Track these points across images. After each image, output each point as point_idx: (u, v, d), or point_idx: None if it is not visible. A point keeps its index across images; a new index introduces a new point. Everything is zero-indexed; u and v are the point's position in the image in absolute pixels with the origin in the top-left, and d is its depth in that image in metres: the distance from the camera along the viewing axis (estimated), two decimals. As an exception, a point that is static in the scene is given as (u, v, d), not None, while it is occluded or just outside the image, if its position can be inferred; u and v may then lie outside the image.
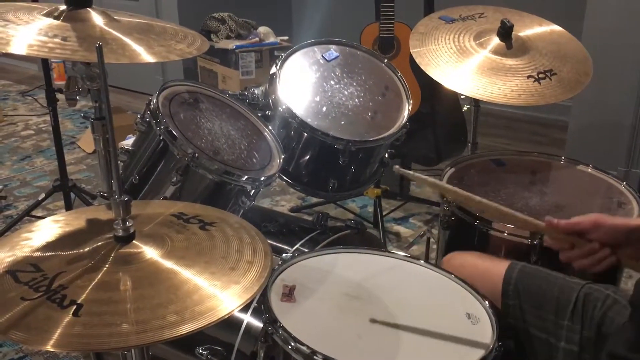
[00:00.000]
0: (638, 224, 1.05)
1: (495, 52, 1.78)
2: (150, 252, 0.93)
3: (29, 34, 0.99)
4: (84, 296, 0.84)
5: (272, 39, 4.08)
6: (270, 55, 4.00)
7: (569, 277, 1.20)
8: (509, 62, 1.76)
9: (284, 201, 3.05)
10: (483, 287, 1.23)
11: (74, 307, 0.81)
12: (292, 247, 1.52)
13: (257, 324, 1.34)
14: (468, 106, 2.04)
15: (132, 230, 0.93)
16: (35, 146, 3.84)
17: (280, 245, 1.54)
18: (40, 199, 2.71)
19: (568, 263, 1.12)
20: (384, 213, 2.76)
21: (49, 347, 0.78)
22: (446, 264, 1.37)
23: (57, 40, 0.97)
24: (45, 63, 2.64)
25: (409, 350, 1.07)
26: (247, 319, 1.37)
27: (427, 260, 1.38)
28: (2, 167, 3.52)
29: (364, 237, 1.65)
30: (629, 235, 1.04)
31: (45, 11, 1.07)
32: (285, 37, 4.17)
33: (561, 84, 1.73)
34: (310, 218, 1.69)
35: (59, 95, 2.52)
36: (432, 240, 2.10)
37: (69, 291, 0.84)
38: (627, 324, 1.03)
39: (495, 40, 1.80)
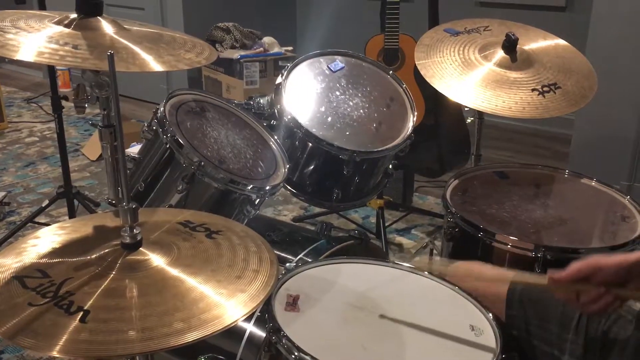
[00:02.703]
0: (635, 259, 1.04)
1: (500, 65, 1.79)
2: (157, 260, 0.93)
3: (40, 42, 1.00)
4: (90, 303, 0.84)
5: (276, 49, 4.10)
6: (274, 65, 4.01)
7: None
8: (514, 75, 1.77)
9: (287, 210, 3.05)
10: (488, 296, 1.23)
11: (81, 313, 0.81)
12: (295, 256, 1.52)
13: (260, 333, 1.33)
14: (472, 118, 2.04)
15: (139, 238, 0.94)
16: (40, 153, 3.85)
17: (283, 254, 1.54)
18: (43, 205, 2.72)
19: None
20: (386, 224, 2.76)
21: (55, 353, 0.78)
22: (451, 272, 1.37)
23: (68, 48, 0.98)
24: (51, 70, 2.65)
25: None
26: (250, 328, 1.37)
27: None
28: (6, 174, 3.53)
29: (368, 247, 1.65)
30: (631, 270, 1.02)
31: (56, 19, 1.08)
32: (290, 48, 4.19)
33: (565, 97, 1.74)
34: (312, 228, 1.70)
35: (64, 103, 2.53)
36: (435, 251, 2.10)
37: (76, 297, 0.84)
38: (629, 338, 1.03)
39: (500, 53, 1.81)
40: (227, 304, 0.86)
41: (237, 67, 3.97)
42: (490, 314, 1.19)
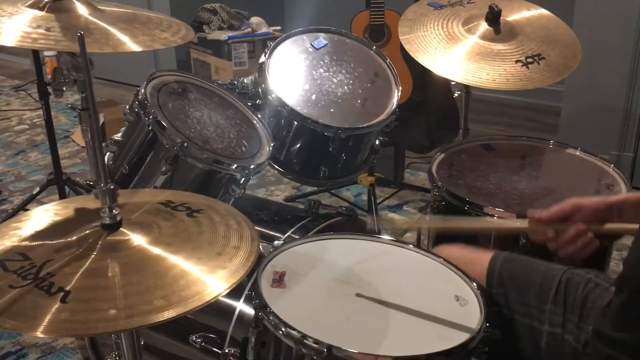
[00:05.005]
0: (615, 199, 1.07)
1: (484, 37, 1.79)
2: (137, 239, 0.94)
3: (13, 25, 0.99)
4: (72, 283, 0.85)
5: (264, 29, 4.07)
6: (263, 46, 3.98)
7: (552, 264, 1.21)
8: (498, 47, 1.77)
9: (279, 191, 3.06)
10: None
11: (62, 293, 0.82)
12: (284, 234, 1.53)
13: (250, 311, 1.34)
14: (459, 92, 2.04)
15: (119, 218, 0.94)
16: (30, 140, 3.84)
17: (272, 232, 1.55)
18: (34, 192, 2.72)
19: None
20: (378, 201, 2.76)
21: (39, 333, 0.79)
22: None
23: (40, 30, 0.97)
24: (36, 57, 2.64)
25: (397, 332, 1.08)
26: (240, 306, 1.38)
27: (418, 245, 1.39)
28: (-4, 162, 3.53)
29: (356, 223, 1.66)
30: (609, 211, 1.06)
31: (29, 2, 1.07)
32: (278, 27, 4.16)
33: (549, 68, 1.74)
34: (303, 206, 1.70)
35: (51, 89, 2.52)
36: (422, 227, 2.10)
37: (57, 279, 0.85)
38: (612, 303, 1.04)
39: (483, 26, 1.81)
40: (207, 281, 0.87)
41: (225, 49, 3.94)
42: (475, 284, 1.20)
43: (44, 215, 1.03)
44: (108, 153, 1.51)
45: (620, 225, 1.07)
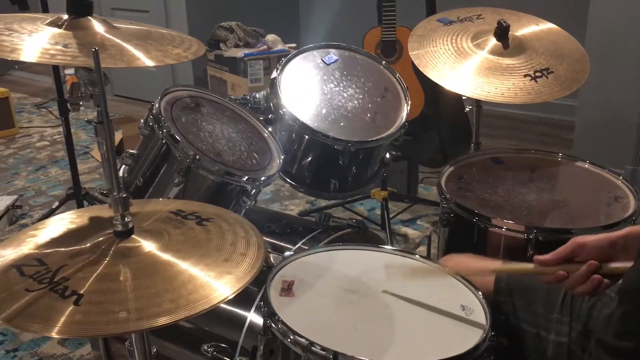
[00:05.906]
0: (618, 234, 1.05)
1: (493, 52, 1.81)
2: (148, 246, 0.98)
3: (33, 43, 1.04)
4: (85, 287, 0.88)
5: (280, 46, 4.14)
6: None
7: None
8: (506, 61, 1.79)
9: (293, 205, 3.09)
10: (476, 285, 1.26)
11: (75, 297, 0.86)
12: (294, 245, 1.55)
13: (261, 321, 1.37)
14: (470, 107, 2.06)
15: (130, 226, 0.98)
16: (50, 157, 3.93)
17: (283, 244, 1.57)
18: (53, 207, 2.78)
19: None
20: (391, 215, 2.78)
21: (53, 334, 0.82)
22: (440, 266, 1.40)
23: (58, 47, 1.02)
24: (56, 74, 2.72)
25: (403, 340, 1.10)
26: (251, 316, 1.40)
27: (428, 255, 1.41)
28: (17, 178, 3.60)
29: (366, 235, 1.68)
30: (613, 247, 1.04)
31: (48, 20, 1.12)
32: (294, 45, 4.22)
33: (558, 82, 1.75)
34: (315, 220, 1.72)
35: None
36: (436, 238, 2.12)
37: (71, 283, 0.88)
38: (614, 312, 1.05)
39: (492, 41, 1.83)
40: (214, 285, 0.90)
41: (241, 66, 4.01)
42: (480, 293, 1.21)
43: (59, 223, 1.07)
44: (124, 166, 1.56)
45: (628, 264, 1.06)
